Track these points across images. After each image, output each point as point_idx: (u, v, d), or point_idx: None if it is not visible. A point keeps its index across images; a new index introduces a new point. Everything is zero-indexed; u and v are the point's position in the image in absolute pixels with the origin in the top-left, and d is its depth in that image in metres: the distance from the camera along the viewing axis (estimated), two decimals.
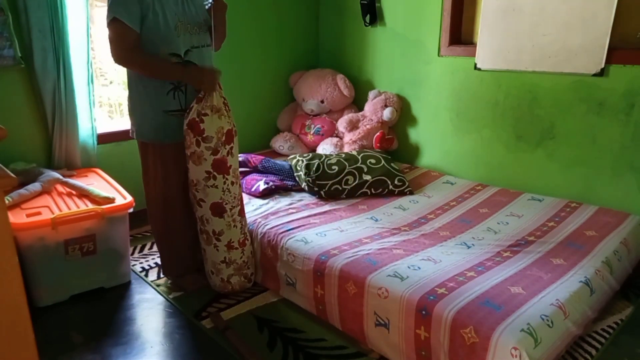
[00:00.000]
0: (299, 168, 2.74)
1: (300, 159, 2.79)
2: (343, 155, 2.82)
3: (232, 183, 2.14)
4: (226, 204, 2.13)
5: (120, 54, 1.95)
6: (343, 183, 2.65)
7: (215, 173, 2.07)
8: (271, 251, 2.22)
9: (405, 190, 2.71)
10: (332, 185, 2.64)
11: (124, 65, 2.03)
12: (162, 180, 2.18)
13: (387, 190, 2.70)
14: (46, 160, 2.63)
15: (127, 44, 1.94)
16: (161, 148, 2.14)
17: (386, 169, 2.74)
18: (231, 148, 2.12)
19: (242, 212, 2.24)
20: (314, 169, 2.67)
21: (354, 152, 2.88)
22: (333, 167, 2.69)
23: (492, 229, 2.27)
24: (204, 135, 2.02)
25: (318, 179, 2.64)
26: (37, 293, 2.14)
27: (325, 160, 2.74)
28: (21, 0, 2.33)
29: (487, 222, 2.34)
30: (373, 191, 2.69)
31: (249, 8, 3.30)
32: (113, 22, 1.91)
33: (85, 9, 2.51)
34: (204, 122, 2.00)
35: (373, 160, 2.77)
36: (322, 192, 2.64)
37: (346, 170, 2.68)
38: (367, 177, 2.68)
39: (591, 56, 2.37)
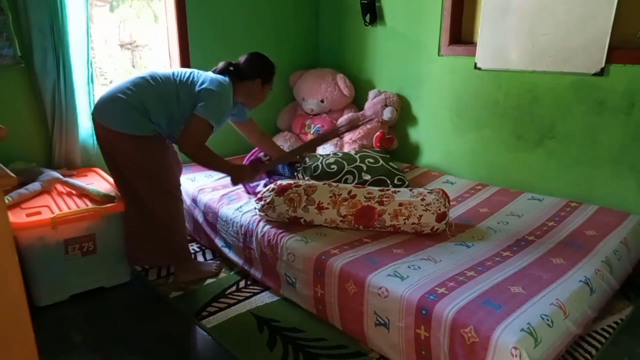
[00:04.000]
0: (298, 168, 2.73)
1: None
2: (340, 155, 2.81)
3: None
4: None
5: (195, 149, 2.12)
6: (342, 182, 2.65)
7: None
8: (271, 251, 2.22)
9: None
10: None
11: (188, 155, 2.15)
12: (168, 166, 2.27)
13: None
14: (46, 160, 2.63)
15: (203, 142, 2.14)
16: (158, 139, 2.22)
17: (386, 169, 2.74)
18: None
19: None
20: (313, 169, 2.66)
21: (352, 152, 2.87)
22: (332, 166, 2.68)
23: (492, 228, 2.27)
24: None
25: (318, 179, 2.63)
26: (37, 293, 2.14)
27: (324, 160, 2.73)
28: (21, 0, 2.33)
29: (487, 222, 2.34)
30: None
31: (249, 7, 3.30)
32: (206, 123, 2.09)
33: (85, 8, 2.51)
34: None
35: (371, 160, 2.77)
36: None
37: (345, 170, 2.67)
38: (367, 177, 2.68)
39: (591, 56, 2.37)
